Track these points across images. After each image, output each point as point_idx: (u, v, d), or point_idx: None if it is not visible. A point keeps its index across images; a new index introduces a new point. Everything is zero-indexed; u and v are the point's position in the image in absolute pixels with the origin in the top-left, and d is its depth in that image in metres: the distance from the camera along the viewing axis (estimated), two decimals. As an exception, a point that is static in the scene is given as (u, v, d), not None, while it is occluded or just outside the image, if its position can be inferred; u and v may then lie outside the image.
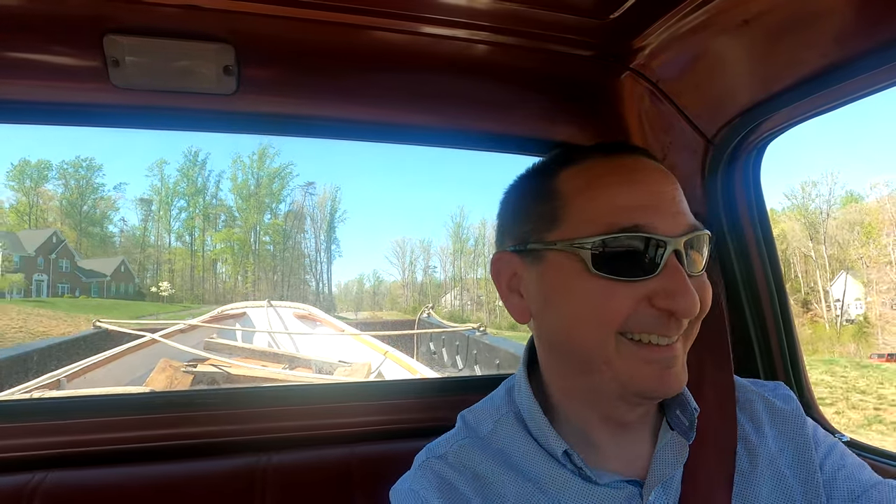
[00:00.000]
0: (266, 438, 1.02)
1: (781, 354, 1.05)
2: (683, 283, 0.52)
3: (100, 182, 48.05)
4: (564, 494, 0.57)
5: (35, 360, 4.06)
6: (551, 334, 0.61)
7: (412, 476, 0.63)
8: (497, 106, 1.08)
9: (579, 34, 0.88)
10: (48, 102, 0.93)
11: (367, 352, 5.03)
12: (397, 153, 75.74)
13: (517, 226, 0.63)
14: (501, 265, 0.63)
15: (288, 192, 48.77)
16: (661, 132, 1.03)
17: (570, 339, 0.58)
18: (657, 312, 0.53)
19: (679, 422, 0.61)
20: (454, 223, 49.51)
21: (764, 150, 0.99)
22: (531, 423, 0.62)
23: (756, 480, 0.60)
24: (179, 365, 3.80)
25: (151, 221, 48.87)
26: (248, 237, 48.14)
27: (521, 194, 0.65)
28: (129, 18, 0.79)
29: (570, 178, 0.59)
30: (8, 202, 44.29)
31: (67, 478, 0.89)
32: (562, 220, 0.57)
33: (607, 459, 0.60)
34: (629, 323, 0.53)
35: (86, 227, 45.64)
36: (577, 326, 0.56)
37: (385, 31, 0.86)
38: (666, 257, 0.52)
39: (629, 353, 0.54)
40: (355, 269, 59.77)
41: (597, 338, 0.54)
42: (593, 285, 0.54)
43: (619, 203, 0.54)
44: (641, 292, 0.53)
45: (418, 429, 1.09)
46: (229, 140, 59.13)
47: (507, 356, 4.51)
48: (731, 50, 0.82)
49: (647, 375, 0.54)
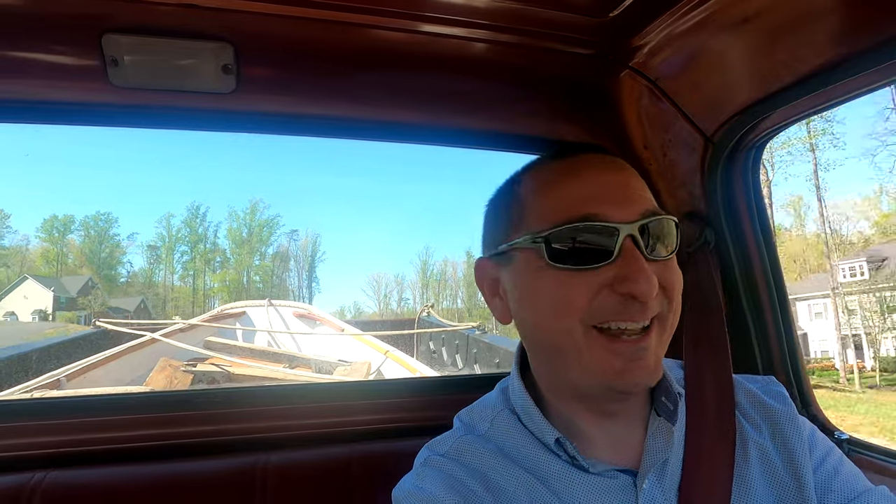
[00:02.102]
0: (266, 437, 1.02)
1: (780, 352, 1.05)
2: (638, 266, 0.53)
3: (115, 232, 57.46)
4: (561, 484, 0.58)
5: (35, 359, 4.05)
6: (527, 330, 0.63)
7: (417, 475, 0.63)
8: (496, 104, 1.08)
9: (578, 32, 0.88)
10: (46, 101, 0.93)
11: (367, 351, 5.02)
12: (372, 195, 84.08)
13: (491, 233, 0.67)
14: (483, 271, 0.68)
15: (275, 238, 57.50)
16: (660, 130, 1.03)
17: (540, 331, 0.60)
18: (618, 297, 0.54)
19: (664, 407, 0.62)
20: (420, 261, 55.53)
21: (763, 148, 1.00)
22: (525, 417, 0.63)
23: (750, 472, 0.61)
24: (179, 364, 3.79)
25: (159, 265, 57.82)
26: (241, 277, 56.15)
27: (493, 205, 0.69)
28: (128, 17, 0.79)
29: (527, 182, 0.64)
30: (39, 251, 53.16)
31: (67, 477, 0.89)
32: (523, 220, 0.61)
33: (598, 450, 0.61)
34: (593, 312, 0.55)
35: (103, 270, 53.75)
36: (544, 319, 0.58)
37: (384, 29, 0.86)
38: (620, 243, 0.54)
39: (598, 344, 0.55)
40: (337, 302, 67.06)
41: (562, 328, 0.56)
42: (552, 278, 0.56)
43: (568, 196, 0.57)
44: (600, 280, 0.55)
45: (418, 427, 1.09)
46: (226, 195, 72.53)
47: (506, 355, 4.51)
48: (730, 48, 0.82)
49: (614, 367, 0.55)
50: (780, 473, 0.61)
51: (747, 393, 0.68)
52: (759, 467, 0.61)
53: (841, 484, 0.61)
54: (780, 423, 0.64)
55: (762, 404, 0.67)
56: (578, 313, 0.55)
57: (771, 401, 0.67)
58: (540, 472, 0.59)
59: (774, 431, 0.64)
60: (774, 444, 0.63)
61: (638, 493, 0.57)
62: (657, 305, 0.56)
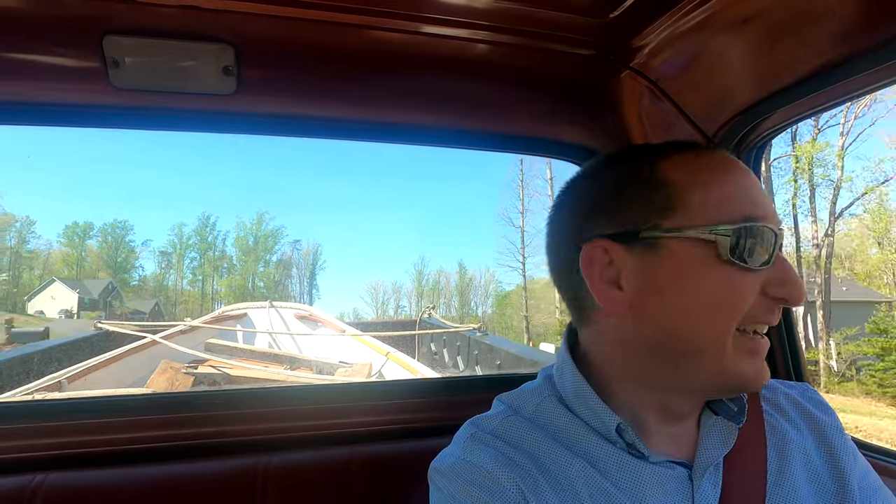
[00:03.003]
0: (266, 439, 1.02)
1: (783, 356, 1.04)
2: (793, 271, 0.54)
3: (130, 238, 61.39)
4: (617, 471, 0.56)
5: (36, 361, 4.05)
6: (659, 326, 0.56)
7: (462, 448, 0.59)
8: (497, 105, 1.08)
9: (579, 33, 0.88)
10: (47, 103, 0.93)
11: (368, 353, 5.02)
12: (371, 203, 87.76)
13: (612, 214, 0.59)
14: (596, 254, 0.58)
15: (279, 246, 61.29)
16: (661, 131, 1.03)
17: (685, 329, 0.54)
18: (768, 302, 0.54)
19: (726, 408, 0.61)
20: (416, 270, 57.80)
21: (764, 148, 0.99)
22: (577, 402, 0.60)
23: (790, 470, 0.60)
24: (180, 366, 3.79)
25: (170, 269, 61.60)
26: (246, 283, 60.01)
27: (612, 179, 0.61)
28: (129, 19, 0.79)
29: (675, 167, 0.57)
30: (59, 255, 57.07)
31: (68, 479, 0.89)
32: (677, 208, 0.55)
33: (656, 442, 0.59)
34: (750, 312, 0.54)
35: (119, 274, 57.62)
36: (698, 316, 0.54)
37: (385, 30, 0.86)
38: (777, 247, 0.54)
39: (740, 345, 0.54)
40: (337, 308, 70.13)
41: (718, 328, 0.54)
42: (721, 274, 0.53)
43: (734, 194, 0.55)
44: (760, 281, 0.54)
45: (419, 429, 1.09)
46: (234, 206, 76.06)
47: (508, 356, 4.51)
48: (730, 48, 0.82)
49: (749, 368, 0.55)
50: (824, 478, 0.60)
51: (787, 397, 0.68)
52: (800, 467, 0.61)
53: (882, 502, 0.61)
54: (826, 433, 0.64)
55: (804, 410, 0.66)
56: (740, 314, 0.53)
57: (814, 408, 0.67)
58: (593, 458, 0.57)
59: (820, 440, 0.64)
60: (819, 451, 0.63)
61: (694, 488, 0.56)
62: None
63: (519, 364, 4.23)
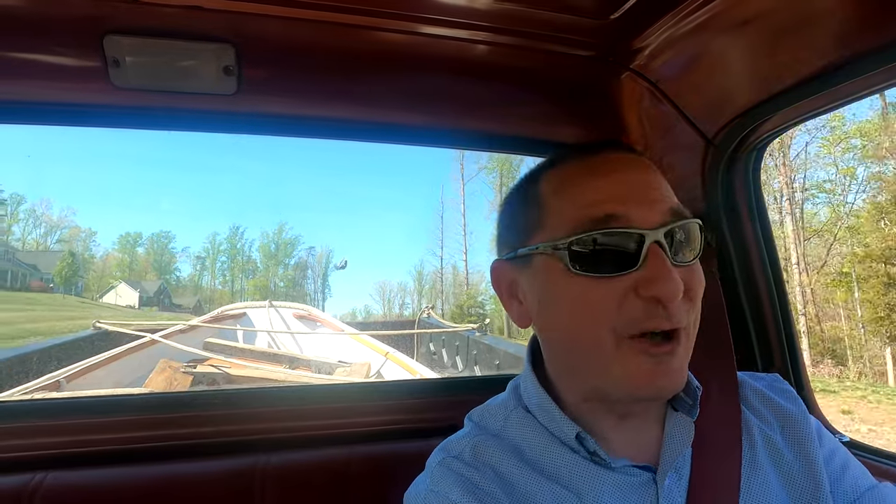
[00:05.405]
0: (265, 439, 1.02)
1: (781, 354, 1.05)
2: (664, 269, 0.52)
3: (172, 246, 75.52)
4: (581, 481, 0.57)
5: (35, 360, 4.05)
6: (551, 336, 0.62)
7: (431, 477, 0.61)
8: (497, 106, 1.08)
9: (579, 34, 0.88)
10: (48, 103, 0.93)
11: (367, 352, 5.02)
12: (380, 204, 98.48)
13: (508, 234, 0.65)
14: (500, 273, 0.65)
15: (297, 252, 72.26)
16: (661, 132, 1.03)
17: (567, 340, 0.58)
18: (643, 302, 0.52)
19: (682, 402, 0.62)
20: (416, 271, 64.22)
21: (764, 150, 1.00)
22: (541, 413, 0.62)
23: (756, 456, 0.61)
24: (179, 366, 3.78)
25: (205, 272, 75.02)
26: (269, 283, 70.48)
27: (510, 204, 0.66)
28: (130, 18, 0.79)
29: (547, 181, 0.61)
30: (114, 260, 71.42)
31: (67, 478, 0.89)
32: (543, 222, 0.58)
33: (616, 447, 0.60)
34: (622, 319, 0.53)
35: (163, 275, 69.52)
36: (572, 328, 0.56)
37: (386, 31, 0.86)
38: (646, 250, 0.52)
39: (628, 354, 0.53)
40: (349, 305, 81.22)
41: (591, 337, 0.54)
42: (576, 285, 0.54)
43: (589, 197, 0.55)
44: (625, 285, 0.53)
45: (418, 429, 1.09)
46: (259, 219, 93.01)
47: (506, 357, 4.51)
48: (731, 50, 0.82)
49: (643, 377, 0.53)
50: (792, 466, 0.61)
51: (754, 390, 0.68)
52: (767, 456, 0.61)
53: (851, 479, 0.61)
54: (791, 420, 0.65)
55: (770, 401, 0.67)
56: (608, 321, 0.53)
57: (779, 398, 0.67)
58: (558, 470, 0.58)
59: (784, 427, 0.64)
60: (784, 438, 0.63)
61: (658, 490, 0.57)
62: (683, 314, 0.54)
63: (518, 364, 4.23)
